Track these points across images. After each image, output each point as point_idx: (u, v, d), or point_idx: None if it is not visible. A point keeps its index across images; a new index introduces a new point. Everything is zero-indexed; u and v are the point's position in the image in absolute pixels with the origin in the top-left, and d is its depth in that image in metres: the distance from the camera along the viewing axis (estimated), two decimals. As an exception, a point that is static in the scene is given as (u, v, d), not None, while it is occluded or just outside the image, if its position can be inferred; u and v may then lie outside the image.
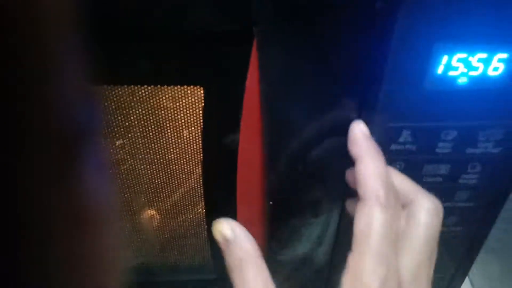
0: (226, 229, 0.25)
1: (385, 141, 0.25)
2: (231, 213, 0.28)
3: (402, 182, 0.24)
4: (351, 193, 0.25)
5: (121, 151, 0.28)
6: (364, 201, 0.22)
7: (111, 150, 0.28)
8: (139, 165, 0.29)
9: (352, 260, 0.22)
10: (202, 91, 0.24)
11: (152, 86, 0.24)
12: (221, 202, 0.28)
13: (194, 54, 0.22)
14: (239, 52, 0.21)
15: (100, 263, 0.10)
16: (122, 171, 0.30)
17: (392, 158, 0.26)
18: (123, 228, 0.33)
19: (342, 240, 0.28)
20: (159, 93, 0.25)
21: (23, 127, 0.07)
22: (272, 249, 0.27)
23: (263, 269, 0.24)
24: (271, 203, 0.24)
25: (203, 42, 0.22)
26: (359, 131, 0.23)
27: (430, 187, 0.27)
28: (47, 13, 0.07)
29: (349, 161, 0.23)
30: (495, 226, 0.30)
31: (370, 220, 0.22)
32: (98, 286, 0.10)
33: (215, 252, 0.33)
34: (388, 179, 0.23)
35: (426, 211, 0.23)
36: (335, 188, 0.24)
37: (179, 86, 0.24)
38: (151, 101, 0.26)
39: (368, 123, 0.24)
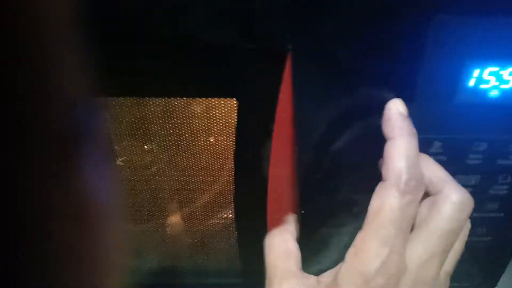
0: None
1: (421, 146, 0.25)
2: (260, 221, 0.29)
3: (435, 171, 0.23)
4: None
5: (155, 157, 0.30)
6: (384, 182, 0.22)
7: (145, 156, 0.30)
8: (172, 171, 0.30)
9: (359, 237, 0.22)
10: (235, 103, 0.25)
11: (187, 97, 0.26)
12: (250, 209, 0.29)
13: (229, 67, 0.23)
14: (273, 68, 0.22)
15: (99, 263, 0.10)
16: (155, 176, 0.31)
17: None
18: (153, 229, 0.34)
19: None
20: (194, 103, 0.26)
21: (23, 126, 0.07)
22: (302, 257, 0.27)
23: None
24: (302, 212, 0.25)
25: (238, 57, 0.23)
26: (395, 110, 0.22)
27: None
28: (47, 13, 0.07)
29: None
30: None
31: (384, 202, 0.21)
32: (97, 286, 0.10)
33: (242, 257, 0.34)
34: (416, 163, 0.22)
35: (450, 203, 0.22)
36: (366, 198, 0.25)
37: (213, 98, 0.25)
38: (186, 111, 0.27)
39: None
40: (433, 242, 0.22)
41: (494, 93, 0.23)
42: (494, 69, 0.23)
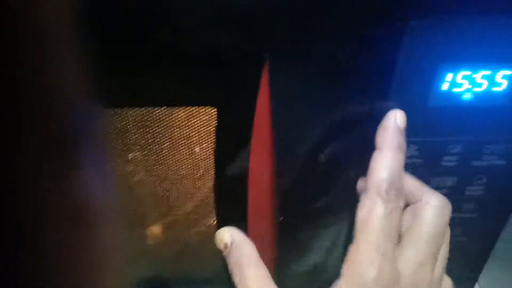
0: (226, 235, 0.27)
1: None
2: (242, 227, 0.29)
3: (412, 181, 0.25)
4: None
5: (136, 166, 0.29)
6: (367, 192, 0.23)
7: (127, 165, 0.29)
8: (153, 180, 0.30)
9: (351, 249, 0.23)
10: (215, 111, 0.25)
11: (167, 107, 0.25)
12: (231, 217, 0.29)
13: (208, 76, 0.23)
14: (250, 74, 0.22)
15: (97, 263, 0.10)
16: (137, 185, 0.31)
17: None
18: (137, 238, 0.34)
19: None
20: (174, 112, 0.26)
21: (22, 126, 0.07)
22: (282, 263, 0.27)
23: (261, 267, 0.25)
24: (281, 218, 0.25)
25: (216, 65, 0.23)
26: (392, 121, 0.23)
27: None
28: (47, 14, 0.07)
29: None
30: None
31: (370, 211, 0.22)
32: (95, 286, 0.10)
33: (226, 266, 0.34)
34: (398, 176, 0.23)
35: (431, 208, 0.23)
36: (344, 202, 0.25)
37: (193, 107, 0.25)
38: (166, 120, 0.27)
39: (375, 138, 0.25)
40: (422, 247, 0.23)
41: (467, 96, 0.24)
42: (467, 73, 0.23)
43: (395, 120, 0.23)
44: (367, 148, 0.24)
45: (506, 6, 0.22)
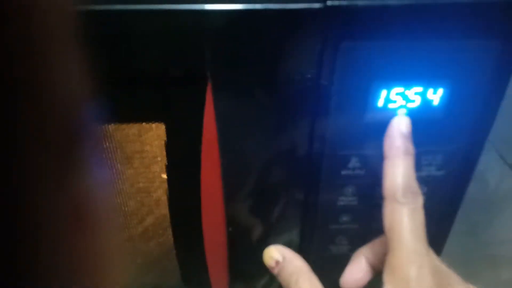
0: (275, 253, 0.27)
1: (336, 168, 0.27)
2: (198, 239, 0.29)
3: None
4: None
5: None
6: (385, 201, 0.24)
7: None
8: (107, 195, 0.30)
9: (388, 258, 0.24)
10: (164, 127, 0.26)
11: (118, 123, 0.26)
12: (187, 229, 0.30)
13: (155, 94, 0.24)
14: (194, 93, 0.23)
15: (98, 262, 0.10)
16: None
17: (343, 182, 0.28)
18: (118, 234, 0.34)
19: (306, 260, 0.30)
20: (125, 128, 0.27)
21: (22, 127, 0.07)
22: (237, 270, 0.28)
23: (314, 278, 0.26)
24: (230, 229, 0.26)
25: (162, 84, 0.24)
26: (396, 128, 0.24)
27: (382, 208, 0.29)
28: (46, 13, 0.07)
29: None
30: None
31: (392, 219, 0.23)
32: (97, 285, 0.10)
33: (186, 276, 0.34)
34: (411, 178, 0.24)
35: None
36: (291, 212, 0.26)
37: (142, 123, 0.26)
38: (118, 135, 0.27)
39: (317, 151, 0.26)
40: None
41: (402, 112, 0.25)
42: (400, 89, 0.25)
43: (398, 127, 0.24)
44: (308, 161, 0.25)
45: (435, 30, 0.23)
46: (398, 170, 0.24)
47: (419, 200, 0.24)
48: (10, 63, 0.07)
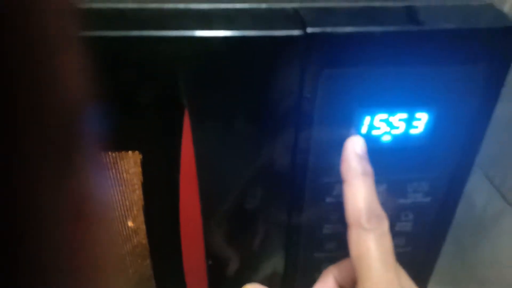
0: None
1: (320, 195, 0.26)
2: (177, 269, 0.28)
3: None
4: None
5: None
6: (349, 227, 0.23)
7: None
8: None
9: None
10: (140, 155, 0.24)
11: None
12: (166, 258, 0.28)
13: (129, 122, 0.23)
14: (171, 120, 0.22)
15: (98, 263, 0.10)
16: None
17: (328, 210, 0.27)
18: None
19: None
20: (101, 156, 0.26)
21: (23, 126, 0.07)
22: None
23: None
24: (210, 262, 0.25)
25: (137, 111, 0.23)
26: (351, 150, 0.23)
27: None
28: (49, 14, 0.07)
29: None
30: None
31: (359, 246, 0.22)
32: (96, 284, 0.10)
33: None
34: (373, 200, 0.23)
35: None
36: (274, 241, 0.25)
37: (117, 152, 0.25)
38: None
39: (300, 179, 0.25)
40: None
41: (386, 138, 0.25)
42: (384, 116, 0.24)
43: (353, 147, 0.23)
44: (291, 189, 0.24)
45: (418, 56, 0.23)
46: (359, 194, 0.23)
47: (385, 224, 0.23)
48: (9, 62, 0.07)
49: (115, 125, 0.23)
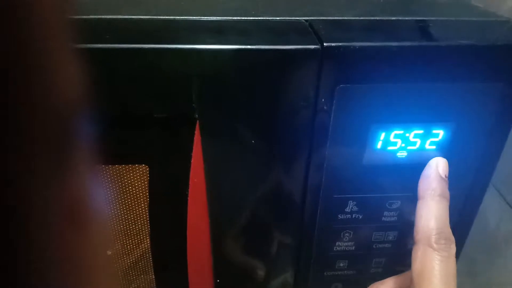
0: None
1: (332, 211, 0.25)
2: (182, 282, 0.27)
3: None
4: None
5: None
6: (417, 243, 0.23)
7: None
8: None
9: None
10: (147, 169, 0.24)
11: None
12: (171, 274, 0.27)
13: (138, 135, 0.22)
14: (181, 135, 0.22)
15: (91, 263, 0.10)
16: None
17: (340, 226, 0.26)
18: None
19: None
20: (106, 169, 0.25)
21: (20, 127, 0.07)
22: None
23: None
24: (218, 281, 0.24)
25: (146, 125, 0.22)
26: (434, 169, 0.23)
27: (380, 253, 0.27)
28: (45, 15, 0.07)
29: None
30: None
31: (424, 264, 0.22)
32: (91, 285, 0.10)
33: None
34: (445, 223, 0.23)
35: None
36: (284, 259, 0.24)
37: (124, 165, 0.24)
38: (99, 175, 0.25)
39: (313, 194, 0.24)
40: None
41: (402, 154, 0.24)
42: (399, 132, 0.23)
43: (436, 168, 0.23)
44: (303, 205, 0.23)
45: (436, 72, 0.22)
46: (433, 213, 0.23)
47: (453, 248, 0.23)
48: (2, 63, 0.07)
49: (122, 138, 0.23)
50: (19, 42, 0.07)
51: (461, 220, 0.27)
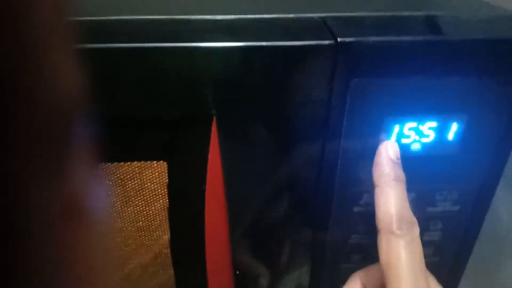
0: None
1: (348, 204, 0.26)
2: (200, 280, 0.28)
3: None
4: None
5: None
6: (380, 232, 0.22)
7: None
8: (109, 233, 0.29)
9: None
10: (166, 165, 0.24)
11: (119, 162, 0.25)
12: (190, 269, 0.28)
13: (158, 133, 0.23)
14: (198, 131, 0.22)
15: (90, 264, 0.10)
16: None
17: (355, 219, 0.26)
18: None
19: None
20: (126, 166, 0.26)
21: (18, 127, 0.07)
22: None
23: None
24: (237, 272, 0.25)
25: (165, 123, 0.22)
26: (384, 155, 0.23)
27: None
28: (44, 18, 0.07)
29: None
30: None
31: (389, 253, 0.22)
32: (89, 285, 0.10)
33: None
34: (404, 206, 0.22)
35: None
36: (300, 252, 0.25)
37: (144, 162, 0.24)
38: (118, 173, 0.26)
39: (328, 187, 0.25)
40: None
41: (416, 147, 0.24)
42: (413, 124, 0.24)
43: (386, 152, 0.23)
44: (318, 198, 0.24)
45: (450, 66, 0.22)
46: (390, 199, 0.22)
47: (415, 230, 0.22)
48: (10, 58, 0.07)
49: (142, 137, 0.23)
50: (19, 42, 0.07)
51: (476, 210, 0.27)
